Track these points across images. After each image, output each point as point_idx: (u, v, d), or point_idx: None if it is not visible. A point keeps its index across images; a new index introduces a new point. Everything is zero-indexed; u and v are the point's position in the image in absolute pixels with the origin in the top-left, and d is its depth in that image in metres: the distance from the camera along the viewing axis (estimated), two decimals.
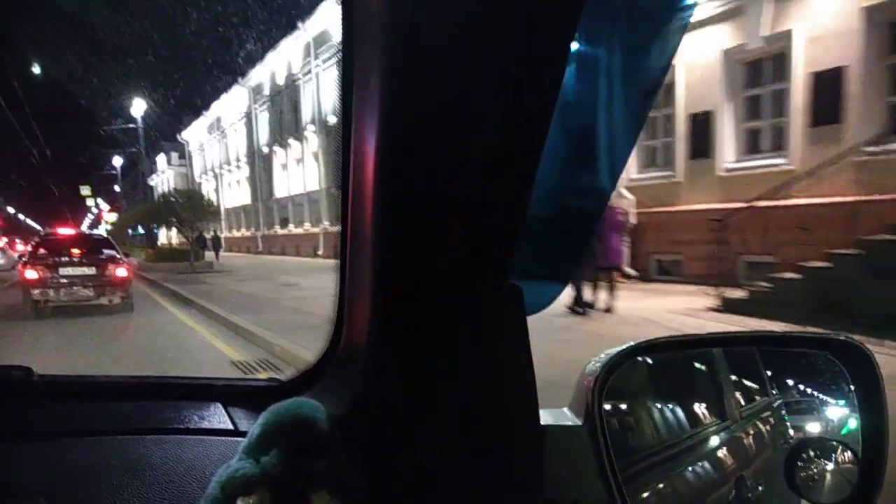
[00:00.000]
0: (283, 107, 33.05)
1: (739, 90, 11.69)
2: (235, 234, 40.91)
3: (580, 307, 8.01)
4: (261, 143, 36.44)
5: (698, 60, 11.45)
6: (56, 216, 55.01)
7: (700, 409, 0.90)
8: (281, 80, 32.54)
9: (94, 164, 58.18)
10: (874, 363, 0.79)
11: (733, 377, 0.93)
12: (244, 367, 6.39)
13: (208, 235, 29.56)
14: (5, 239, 35.89)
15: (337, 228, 0.79)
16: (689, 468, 0.86)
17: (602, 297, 8.36)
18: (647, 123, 11.84)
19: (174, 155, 54.79)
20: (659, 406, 0.87)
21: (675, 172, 12.67)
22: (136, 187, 58.46)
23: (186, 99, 38.75)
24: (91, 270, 10.49)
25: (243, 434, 0.67)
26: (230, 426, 0.86)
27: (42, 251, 11.05)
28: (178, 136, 50.77)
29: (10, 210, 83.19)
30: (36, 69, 33.16)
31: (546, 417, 0.74)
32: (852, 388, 0.81)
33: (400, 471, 0.69)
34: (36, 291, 10.09)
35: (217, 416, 0.88)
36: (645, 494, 0.78)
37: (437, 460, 0.69)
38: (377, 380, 0.72)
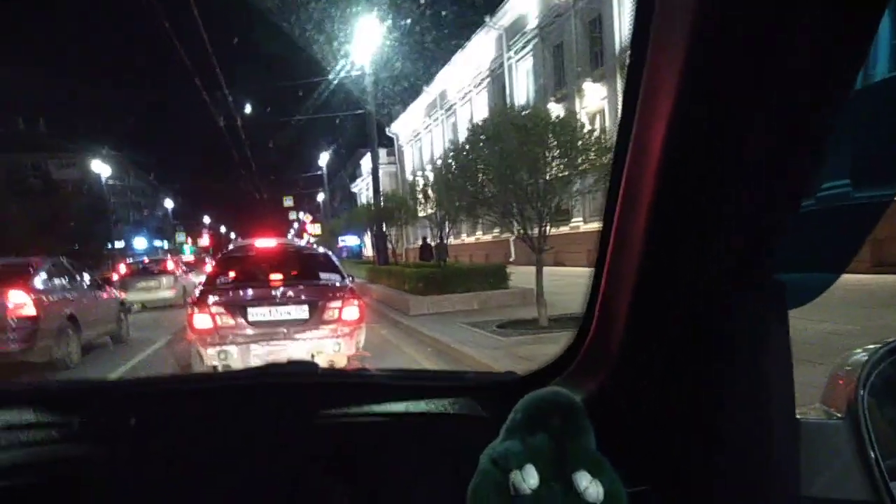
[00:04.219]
0: (567, 37, 22.01)
1: None
2: (467, 240, 30.64)
3: None
4: (517, 105, 25.89)
5: None
6: (260, 229, 48.99)
7: None
8: None
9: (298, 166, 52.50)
10: None
11: None
12: None
13: (433, 242, 19.74)
14: (184, 252, 28.62)
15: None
16: None
17: None
18: None
19: (381, 152, 47.65)
20: None
21: None
22: (333, 198, 52.51)
23: (399, 80, 29.35)
24: (302, 311, 5.71)
25: (490, 420, 0.76)
26: (480, 413, 0.98)
27: (224, 279, 5.98)
28: (387, 130, 43.12)
29: (223, 229, 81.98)
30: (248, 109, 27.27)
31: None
32: None
33: (651, 462, 0.72)
34: (210, 351, 5.45)
35: (467, 405, 1.01)
36: None
37: (689, 451, 0.71)
38: (629, 371, 0.76)
